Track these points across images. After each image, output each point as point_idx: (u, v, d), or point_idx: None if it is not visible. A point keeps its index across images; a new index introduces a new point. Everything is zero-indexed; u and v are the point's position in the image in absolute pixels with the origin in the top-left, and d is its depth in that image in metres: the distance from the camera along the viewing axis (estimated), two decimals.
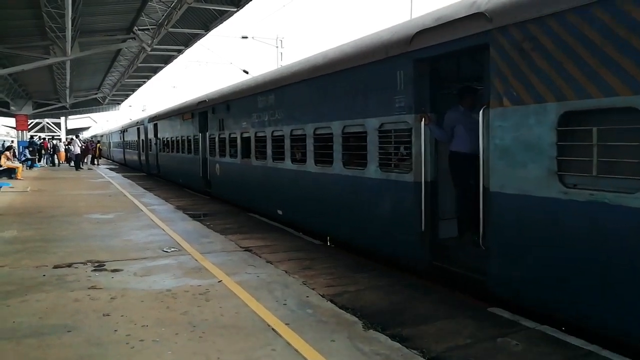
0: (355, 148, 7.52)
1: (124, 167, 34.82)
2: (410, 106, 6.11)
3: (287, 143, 9.48)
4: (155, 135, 23.31)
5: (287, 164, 9.51)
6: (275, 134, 10.07)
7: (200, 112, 15.62)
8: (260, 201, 11.36)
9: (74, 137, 33.64)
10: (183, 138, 18.15)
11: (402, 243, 6.42)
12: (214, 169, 14.74)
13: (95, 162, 37.15)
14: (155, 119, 23.60)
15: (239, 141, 12.33)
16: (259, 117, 10.89)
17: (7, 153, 23.60)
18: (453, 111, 6.21)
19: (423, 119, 5.90)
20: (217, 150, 14.18)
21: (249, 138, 11.67)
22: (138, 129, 28.73)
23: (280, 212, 10.10)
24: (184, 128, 18.04)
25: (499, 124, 4.87)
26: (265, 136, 10.59)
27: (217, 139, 14.17)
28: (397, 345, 4.19)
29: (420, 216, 5.98)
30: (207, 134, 15.08)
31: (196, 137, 16.25)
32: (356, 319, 4.79)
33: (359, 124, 7.15)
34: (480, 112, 5.15)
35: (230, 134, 13.08)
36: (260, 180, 11.11)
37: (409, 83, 6.12)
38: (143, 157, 27.29)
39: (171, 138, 20.22)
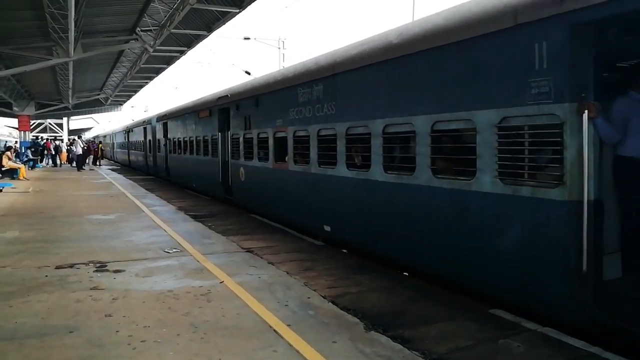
0: (451, 150, 5.83)
1: (128, 169, 34.30)
2: (561, 92, 4.31)
3: (341, 144, 7.64)
4: (165, 135, 21.55)
5: (341, 170, 7.67)
6: (323, 132, 8.24)
7: (221, 108, 13.88)
8: (298, 213, 9.54)
9: (75, 138, 33.68)
10: (198, 138, 16.36)
11: (547, 288, 4.54)
12: (237, 174, 12.86)
13: (97, 163, 37.23)
14: (164, 117, 21.90)
15: (271, 142, 10.44)
16: (300, 112, 9.04)
17: (8, 153, 23.67)
18: (625, 99, 4.64)
19: (587, 110, 4.16)
20: (242, 152, 12.36)
21: (284, 138, 9.83)
22: (144, 128, 26.94)
23: (327, 228, 8.28)
24: (199, 127, 16.31)
25: None
26: (308, 136, 8.73)
27: (241, 139, 12.38)
28: (399, 346, 4.19)
29: (581, 251, 4.20)
30: (229, 133, 13.42)
31: (214, 137, 14.51)
32: (357, 320, 4.79)
33: (461, 118, 5.41)
34: None
35: (259, 134, 11.22)
36: (300, 188, 9.26)
37: (559, 59, 4.34)
38: (150, 159, 25.59)
39: (184, 138, 18.36)
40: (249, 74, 28.85)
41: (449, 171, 5.69)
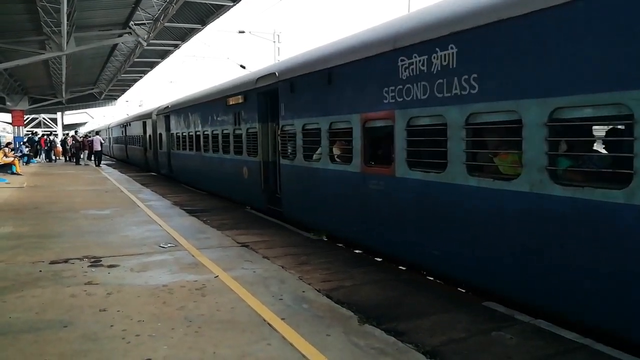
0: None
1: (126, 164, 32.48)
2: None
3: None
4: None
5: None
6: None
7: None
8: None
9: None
10: None
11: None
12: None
13: (92, 158, 37.00)
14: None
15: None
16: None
17: (6, 149, 23.57)
18: None
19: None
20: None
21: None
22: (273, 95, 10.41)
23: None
24: None
25: None
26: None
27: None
28: (392, 339, 4.22)
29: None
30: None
31: None
32: (352, 313, 4.81)
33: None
34: None
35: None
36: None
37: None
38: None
39: None
40: (244, 67, 28.73)
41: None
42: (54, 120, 62.50)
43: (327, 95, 7.88)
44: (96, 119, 73.68)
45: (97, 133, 35.05)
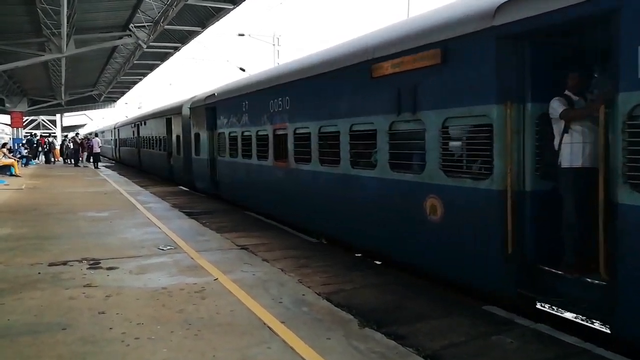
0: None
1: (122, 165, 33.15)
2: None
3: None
4: None
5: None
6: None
7: None
8: None
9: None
10: None
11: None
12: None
13: (91, 160, 36.94)
14: None
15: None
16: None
17: (4, 150, 23.55)
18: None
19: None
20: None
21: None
22: None
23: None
24: None
25: None
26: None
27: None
28: (393, 343, 4.20)
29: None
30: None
31: None
32: (352, 317, 4.80)
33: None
34: None
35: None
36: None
37: None
38: None
39: None
40: (243, 70, 28.77)
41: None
42: (53, 122, 62.33)
43: None
44: (95, 121, 73.55)
45: (97, 135, 34.95)
